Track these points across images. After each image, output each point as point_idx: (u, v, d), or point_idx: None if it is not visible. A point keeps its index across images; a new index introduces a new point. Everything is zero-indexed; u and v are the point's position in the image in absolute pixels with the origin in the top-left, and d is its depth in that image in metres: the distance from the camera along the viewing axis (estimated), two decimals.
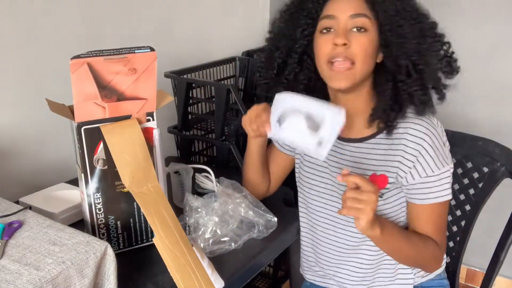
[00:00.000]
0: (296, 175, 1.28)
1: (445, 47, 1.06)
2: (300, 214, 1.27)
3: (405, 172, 1.06)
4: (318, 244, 1.22)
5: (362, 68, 1.03)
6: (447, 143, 1.09)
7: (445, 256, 1.21)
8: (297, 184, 1.28)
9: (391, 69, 1.04)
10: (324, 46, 1.04)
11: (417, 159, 1.04)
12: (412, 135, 1.04)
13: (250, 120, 1.11)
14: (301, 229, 1.28)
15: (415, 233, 1.09)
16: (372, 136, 1.10)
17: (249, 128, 1.13)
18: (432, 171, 1.04)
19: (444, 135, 1.08)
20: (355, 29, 1.01)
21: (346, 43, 1.00)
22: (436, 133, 1.05)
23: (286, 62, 1.13)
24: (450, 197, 1.07)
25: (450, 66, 1.06)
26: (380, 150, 1.09)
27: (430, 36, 1.03)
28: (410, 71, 1.02)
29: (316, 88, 1.14)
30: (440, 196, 1.06)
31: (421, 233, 1.08)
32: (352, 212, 0.92)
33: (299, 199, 1.28)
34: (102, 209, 1.04)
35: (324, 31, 1.04)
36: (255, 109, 1.11)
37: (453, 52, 1.07)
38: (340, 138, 1.14)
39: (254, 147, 1.20)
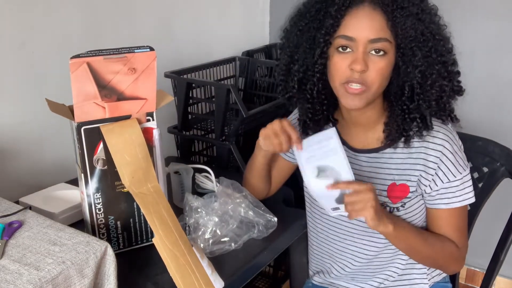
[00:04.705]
0: (305, 184, 1.26)
1: (453, 78, 1.02)
2: (309, 222, 1.27)
3: (428, 180, 1.05)
4: (335, 253, 1.22)
5: (377, 91, 1.00)
6: (462, 146, 1.09)
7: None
8: (305, 193, 1.27)
9: (394, 90, 1.03)
10: (340, 67, 0.99)
11: (438, 166, 1.04)
12: (431, 142, 1.04)
13: (274, 133, 1.05)
14: (310, 235, 1.28)
15: (432, 233, 1.09)
16: (388, 145, 1.09)
17: (269, 142, 1.06)
18: (454, 176, 1.04)
19: (459, 138, 1.08)
20: (373, 51, 0.97)
21: (364, 70, 0.96)
22: (454, 138, 1.05)
23: (306, 75, 1.06)
24: (473, 199, 1.08)
25: (453, 91, 1.03)
26: (399, 159, 1.08)
27: (438, 70, 1.00)
28: (413, 97, 1.01)
29: (327, 95, 1.09)
30: (464, 199, 1.06)
31: (438, 234, 1.09)
32: (354, 215, 0.95)
33: (307, 207, 1.27)
34: (102, 209, 1.04)
35: (340, 49, 0.99)
36: (279, 124, 1.04)
37: (459, 81, 1.04)
38: (353, 149, 1.13)
39: (262, 159, 1.17)
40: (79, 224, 1.14)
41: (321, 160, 0.98)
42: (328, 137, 0.97)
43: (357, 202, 0.94)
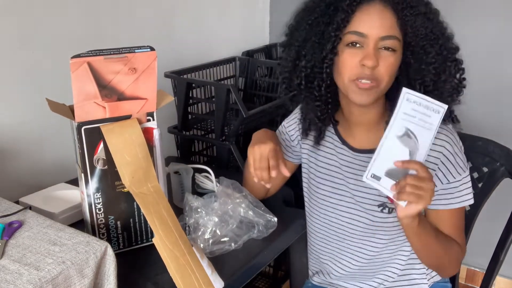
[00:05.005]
0: (304, 184, 1.26)
1: (458, 75, 1.03)
2: (308, 222, 1.27)
3: None
4: (334, 254, 1.22)
5: (385, 87, 1.01)
6: (462, 147, 1.09)
7: None
8: (305, 193, 1.27)
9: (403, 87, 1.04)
10: (350, 63, 0.99)
11: (438, 167, 1.04)
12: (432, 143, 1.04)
13: (254, 165, 1.06)
14: (310, 235, 1.28)
15: (442, 232, 1.08)
16: None
17: (253, 173, 1.07)
18: (454, 177, 1.04)
19: (459, 139, 1.08)
20: (383, 48, 0.98)
21: (376, 65, 0.97)
22: (455, 139, 1.05)
23: (313, 71, 1.05)
24: (472, 201, 1.07)
25: (457, 91, 1.04)
26: None
27: (449, 66, 1.01)
28: None
29: (331, 93, 1.08)
30: (463, 201, 1.06)
31: (446, 234, 1.08)
32: (412, 198, 0.87)
33: (306, 208, 1.27)
34: (102, 209, 1.04)
35: (350, 45, 0.99)
36: (259, 151, 1.06)
37: (464, 79, 1.04)
38: (354, 149, 1.13)
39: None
40: (79, 224, 1.14)
41: (415, 125, 0.90)
42: (437, 111, 0.89)
43: (419, 188, 0.87)
